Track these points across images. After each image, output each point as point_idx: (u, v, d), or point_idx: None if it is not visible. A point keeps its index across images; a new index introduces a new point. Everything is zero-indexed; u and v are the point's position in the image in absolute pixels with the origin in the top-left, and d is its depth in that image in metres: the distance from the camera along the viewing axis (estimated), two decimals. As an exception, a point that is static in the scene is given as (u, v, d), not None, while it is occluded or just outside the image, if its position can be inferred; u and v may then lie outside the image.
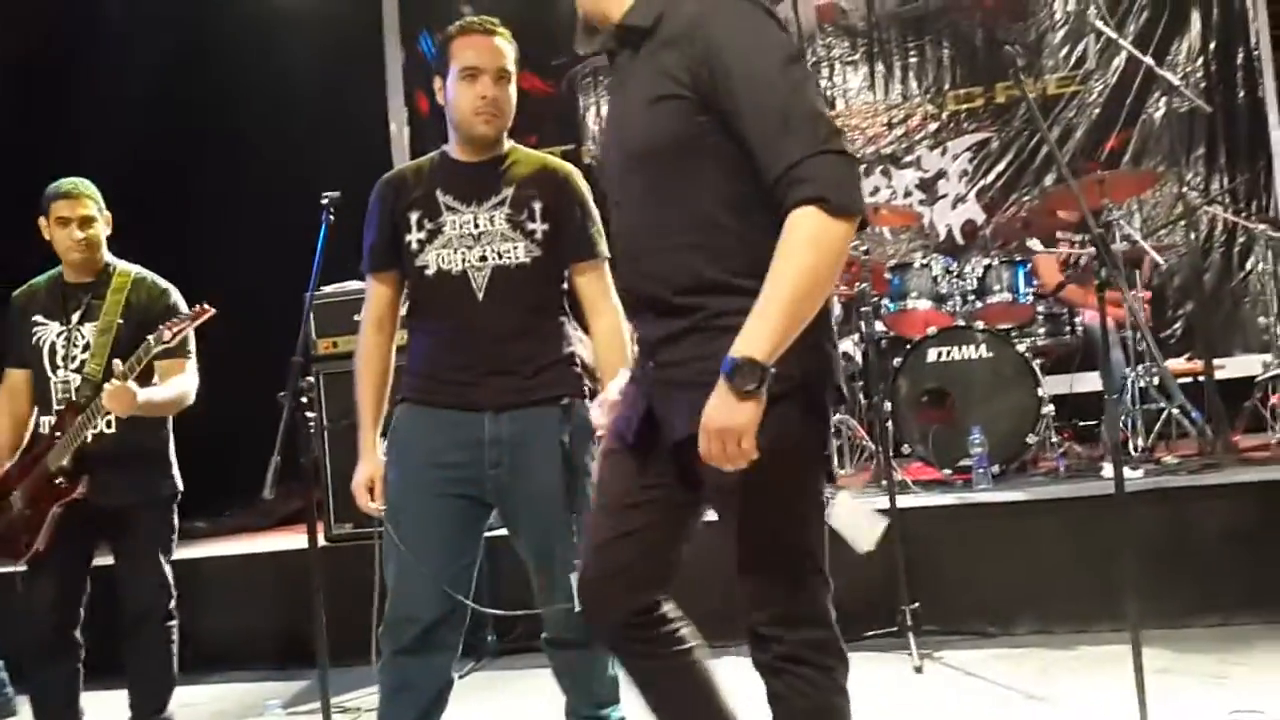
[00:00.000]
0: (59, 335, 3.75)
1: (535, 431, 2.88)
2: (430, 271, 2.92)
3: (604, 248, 3.00)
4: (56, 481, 3.60)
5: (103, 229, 3.81)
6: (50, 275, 3.86)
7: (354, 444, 5.13)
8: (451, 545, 2.89)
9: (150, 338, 3.55)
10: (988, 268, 5.66)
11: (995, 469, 5.06)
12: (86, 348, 3.71)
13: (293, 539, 5.68)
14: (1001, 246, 6.58)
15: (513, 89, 2.95)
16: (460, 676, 4.47)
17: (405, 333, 3.09)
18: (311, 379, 3.12)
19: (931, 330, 5.40)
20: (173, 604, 3.78)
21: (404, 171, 3.06)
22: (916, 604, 4.17)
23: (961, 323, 5.46)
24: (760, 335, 1.90)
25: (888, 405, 5.16)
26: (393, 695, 2.92)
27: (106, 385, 3.47)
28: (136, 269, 3.86)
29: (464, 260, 2.90)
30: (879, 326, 5.75)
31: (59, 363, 3.73)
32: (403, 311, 3.08)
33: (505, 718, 4.03)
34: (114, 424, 3.66)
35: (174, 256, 4.07)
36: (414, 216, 2.93)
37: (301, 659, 4.72)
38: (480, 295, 2.89)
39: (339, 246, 3.30)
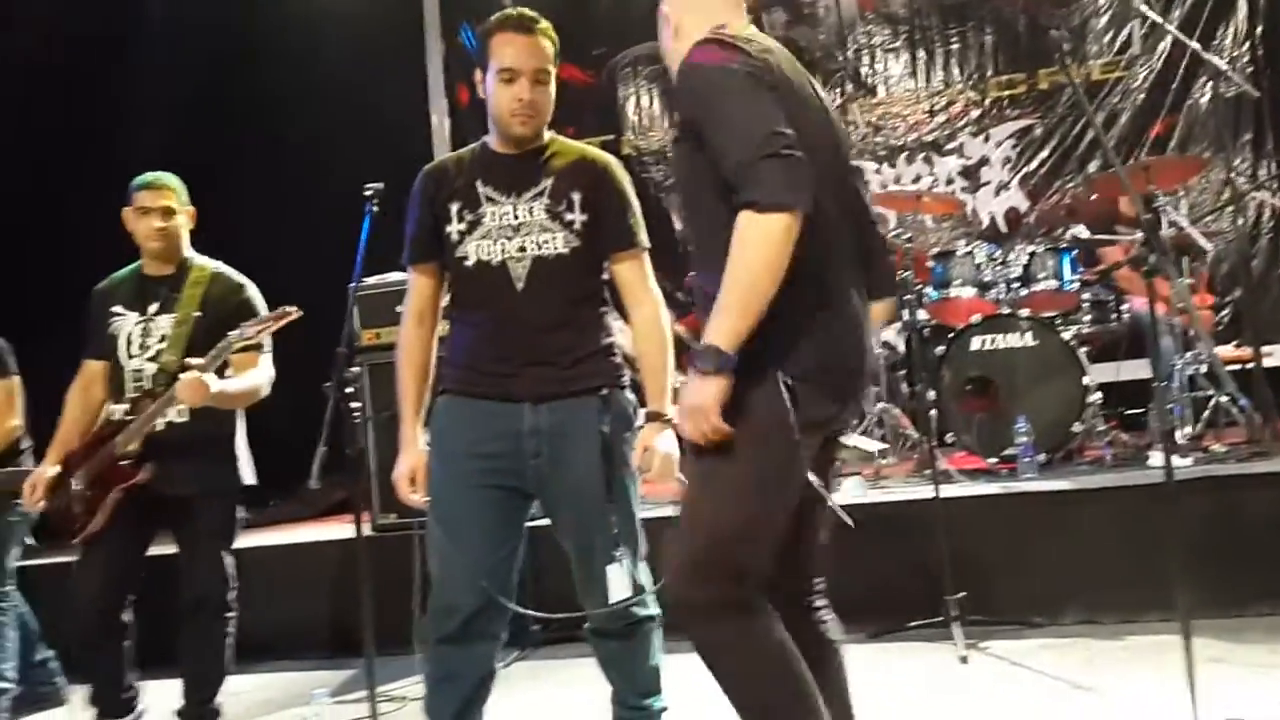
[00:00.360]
0: (136, 325, 3.80)
1: (574, 422, 2.88)
2: (470, 262, 2.92)
3: (643, 238, 3.01)
4: (122, 464, 3.65)
5: (183, 222, 3.86)
6: (131, 268, 3.92)
7: (398, 435, 5.21)
8: (492, 535, 2.90)
9: (232, 334, 3.58)
10: (1032, 255, 5.61)
11: (1041, 458, 5.02)
12: (163, 339, 3.76)
13: (338, 529, 5.73)
14: (1046, 234, 6.52)
15: (551, 87, 2.93)
16: (504, 666, 4.52)
17: (447, 324, 3.09)
18: (356, 370, 3.11)
19: (975, 318, 5.36)
20: (231, 595, 3.82)
21: (445, 162, 3.07)
22: (962, 594, 4.15)
23: (1006, 310, 5.42)
24: (717, 325, 2.16)
25: (931, 394, 5.12)
26: (437, 684, 2.94)
27: (182, 376, 3.51)
28: (215, 264, 3.91)
29: (503, 251, 2.90)
30: (922, 315, 5.72)
31: (134, 352, 3.78)
32: (445, 302, 3.09)
33: (549, 707, 4.05)
34: (185, 414, 3.70)
35: (220, 251, 4.09)
36: (454, 208, 2.94)
37: (348, 648, 4.76)
38: (519, 286, 2.90)
39: (382, 238, 3.32)
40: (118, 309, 3.84)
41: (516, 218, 2.91)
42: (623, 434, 2.91)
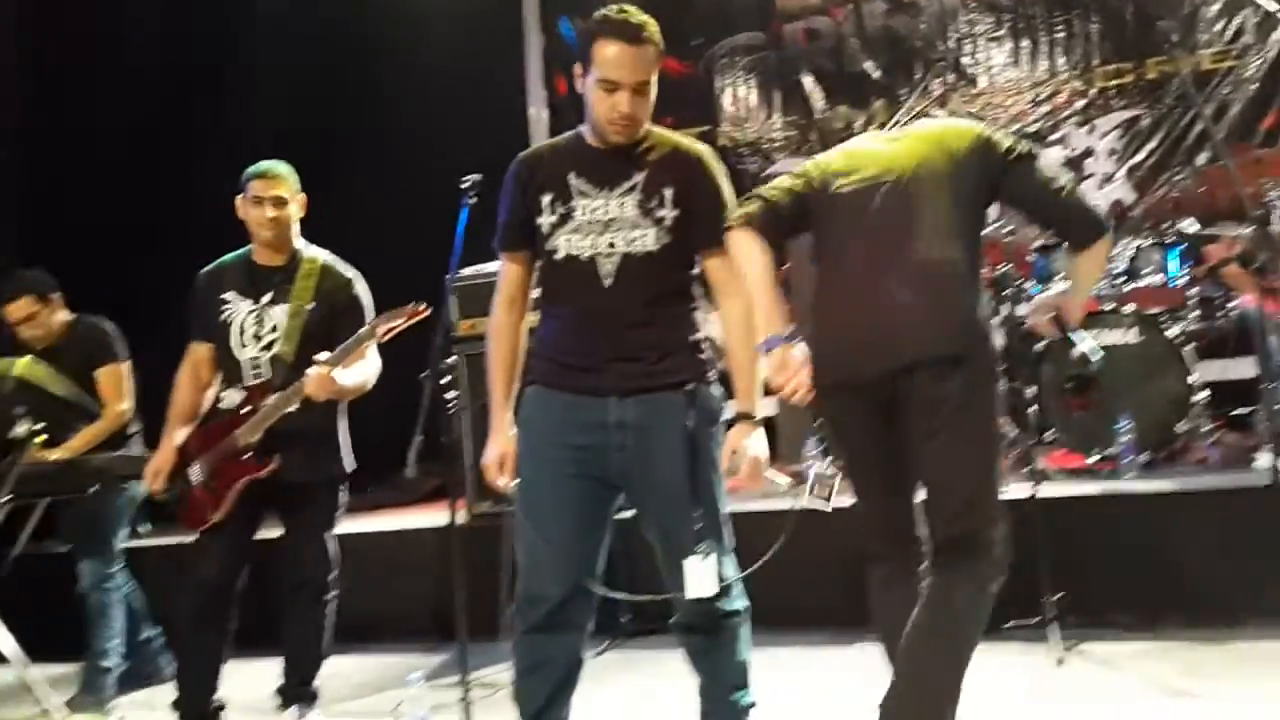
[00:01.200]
0: (249, 314, 3.87)
1: (659, 416, 2.87)
2: (559, 256, 2.92)
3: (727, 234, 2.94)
4: (245, 458, 3.75)
5: (294, 211, 3.93)
6: (238, 254, 3.99)
7: (493, 423, 5.25)
8: (578, 525, 2.91)
9: (363, 330, 3.65)
10: (1138, 249, 5.47)
11: (1143, 458, 4.90)
12: (275, 329, 3.83)
13: (434, 516, 5.81)
14: (1152, 227, 6.35)
15: (652, 94, 2.88)
16: (595, 655, 4.56)
17: (538, 314, 3.10)
18: (453, 359, 3.16)
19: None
20: (333, 577, 3.91)
21: (540, 150, 3.07)
22: (1060, 595, 4.07)
23: (1109, 306, 5.29)
24: None
25: (1031, 391, 5.04)
26: (526, 673, 2.96)
27: (310, 371, 3.59)
28: (324, 255, 3.98)
29: (593, 246, 2.88)
30: (1022, 310, 5.61)
31: (246, 341, 3.85)
32: (535, 292, 3.10)
33: (638, 698, 4.07)
34: (295, 404, 3.76)
35: (326, 241, 4.18)
36: (546, 199, 2.93)
37: (444, 633, 4.83)
38: (607, 282, 2.88)
39: (480, 229, 3.35)
40: (228, 295, 3.90)
41: (608, 213, 2.89)
42: (708, 429, 2.90)
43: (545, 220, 2.93)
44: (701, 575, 2.81)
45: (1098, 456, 5.04)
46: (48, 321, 4.71)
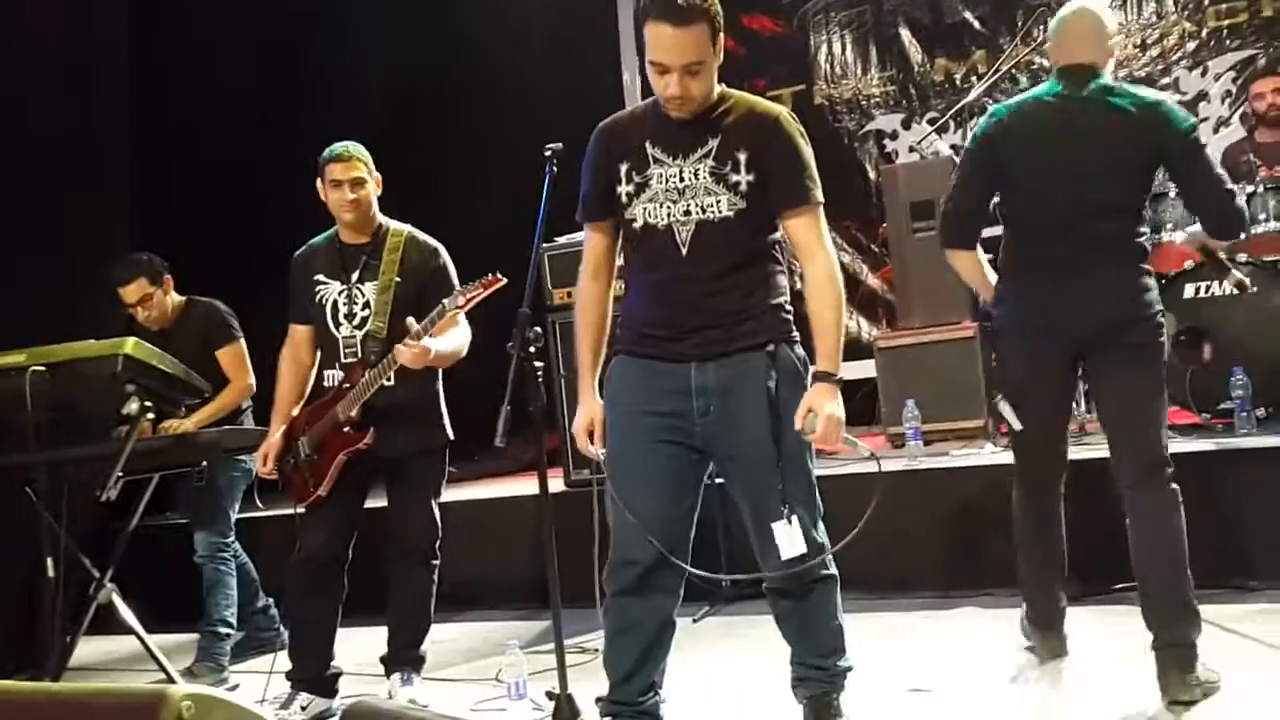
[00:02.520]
0: (340, 293, 3.96)
1: (741, 379, 2.86)
2: (638, 225, 2.92)
3: (815, 194, 2.92)
4: (344, 431, 3.83)
5: (373, 190, 3.98)
6: (327, 235, 4.07)
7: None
8: (667, 491, 2.92)
9: (445, 302, 3.69)
10: (1251, 195, 5.25)
11: (1260, 412, 4.73)
12: (367, 305, 3.91)
13: (535, 484, 5.83)
14: (1269, 173, 6.09)
15: (708, 72, 2.81)
16: (695, 620, 4.57)
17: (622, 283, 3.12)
18: (539, 329, 3.16)
19: (1189, 264, 5.07)
20: (437, 544, 3.98)
21: (620, 119, 3.06)
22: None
23: (1223, 255, 5.09)
24: None
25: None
26: (616, 636, 2.99)
27: (400, 345, 3.65)
28: (408, 228, 4.03)
29: (669, 215, 2.87)
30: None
31: (341, 320, 3.94)
32: (620, 260, 3.10)
33: (736, 662, 4.05)
34: (392, 378, 3.85)
35: (420, 211, 4.22)
36: (624, 168, 2.93)
37: (544, 600, 4.85)
38: (684, 250, 2.87)
39: (574, 196, 3.35)
40: (320, 277, 4.00)
41: (682, 180, 2.87)
42: (791, 389, 2.86)
43: (623, 190, 2.93)
44: (790, 538, 2.81)
45: (1211, 413, 4.86)
46: (161, 303, 4.90)
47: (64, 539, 4.08)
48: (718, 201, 2.85)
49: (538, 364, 3.13)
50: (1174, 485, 3.34)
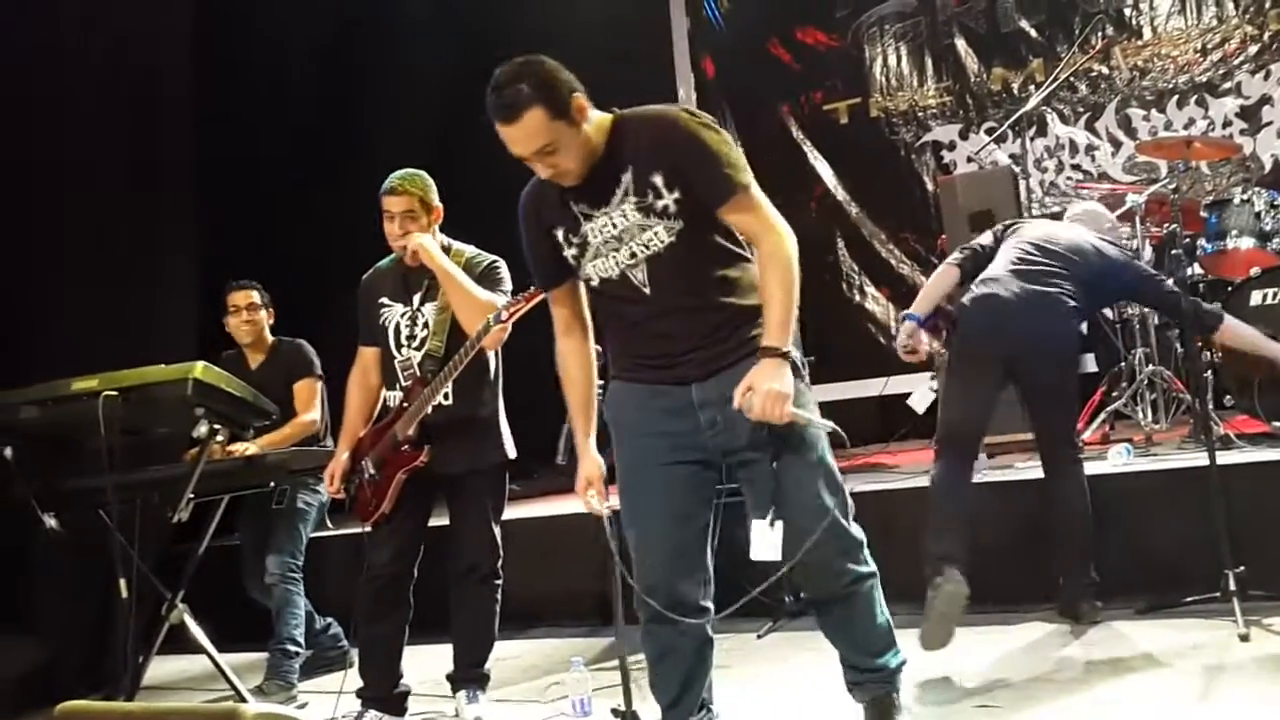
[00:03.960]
0: (403, 316, 4.01)
1: (735, 386, 2.74)
2: (595, 283, 2.89)
3: (738, 179, 2.75)
4: (403, 449, 3.87)
5: (427, 223, 3.95)
6: (392, 258, 4.11)
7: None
8: (682, 509, 2.89)
9: (490, 317, 3.74)
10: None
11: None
12: (426, 326, 3.95)
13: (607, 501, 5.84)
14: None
15: (565, 142, 2.72)
16: (759, 636, 4.56)
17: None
18: (600, 347, 3.17)
19: (1255, 271, 4.97)
20: (499, 563, 4.01)
21: (536, 186, 2.95)
22: (1242, 568, 3.88)
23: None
24: None
25: (1206, 355, 4.81)
26: (656, 663, 2.97)
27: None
28: (469, 249, 4.05)
29: (617, 264, 2.82)
30: (1195, 269, 5.37)
31: (403, 342, 3.99)
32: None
33: (800, 677, 4.03)
34: (450, 396, 3.89)
35: (481, 228, 4.27)
36: (560, 233, 2.88)
37: (607, 617, 4.89)
38: (646, 289, 2.81)
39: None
40: (384, 300, 4.05)
41: (615, 226, 2.80)
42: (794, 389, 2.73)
43: (568, 254, 2.89)
44: (763, 539, 2.75)
45: (1281, 422, 4.78)
46: (261, 323, 5.08)
47: (136, 560, 4.15)
48: (655, 233, 2.78)
49: (599, 382, 3.14)
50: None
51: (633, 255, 2.80)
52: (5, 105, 5.48)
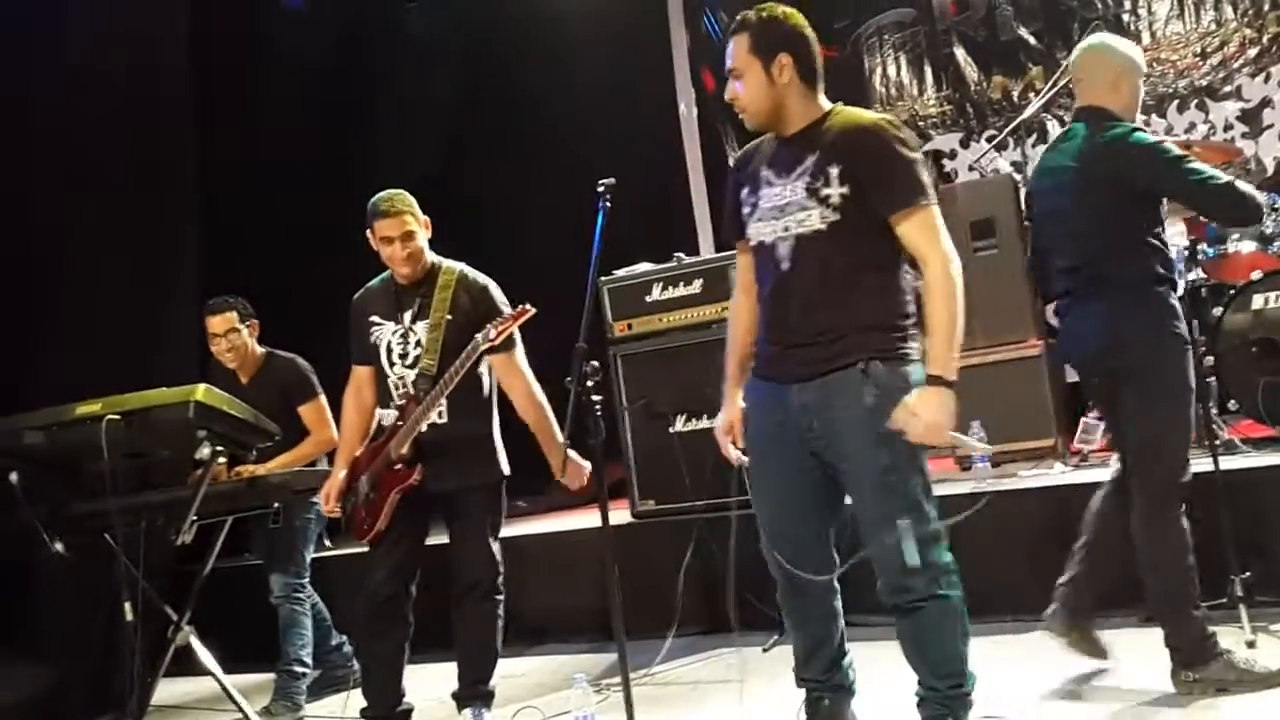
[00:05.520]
0: (394, 334, 4.02)
1: (837, 397, 2.92)
2: (753, 243, 3.11)
3: (918, 196, 2.92)
4: (396, 468, 3.88)
5: (422, 236, 4.02)
6: (383, 277, 4.13)
7: (655, 424, 5.29)
8: (800, 493, 3.06)
9: (478, 336, 3.76)
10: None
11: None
12: (419, 344, 3.96)
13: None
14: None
15: (751, 79, 3.01)
16: (764, 650, 4.53)
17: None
18: (597, 363, 3.20)
19: (1257, 274, 4.95)
20: (500, 580, 4.00)
21: (749, 149, 3.24)
22: (1248, 573, 3.85)
23: (1291, 264, 5.00)
24: None
25: (1209, 359, 4.79)
26: (792, 633, 3.26)
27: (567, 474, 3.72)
28: (460, 266, 4.08)
29: (773, 232, 3.03)
30: (1196, 273, 5.36)
31: (394, 360, 4.00)
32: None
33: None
34: (445, 414, 3.90)
35: (480, 248, 4.28)
36: (744, 193, 3.14)
37: (611, 632, 4.87)
38: (784, 265, 3.01)
39: (631, 228, 3.40)
40: (375, 318, 4.06)
41: (783, 198, 3.01)
42: (889, 405, 2.86)
43: (745, 213, 3.14)
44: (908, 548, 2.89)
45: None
46: (244, 344, 5.00)
47: (142, 583, 4.16)
48: (810, 215, 2.96)
49: (596, 398, 3.16)
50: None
51: (786, 229, 3.00)
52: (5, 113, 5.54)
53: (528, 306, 3.75)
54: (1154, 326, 3.48)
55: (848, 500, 3.07)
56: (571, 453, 3.65)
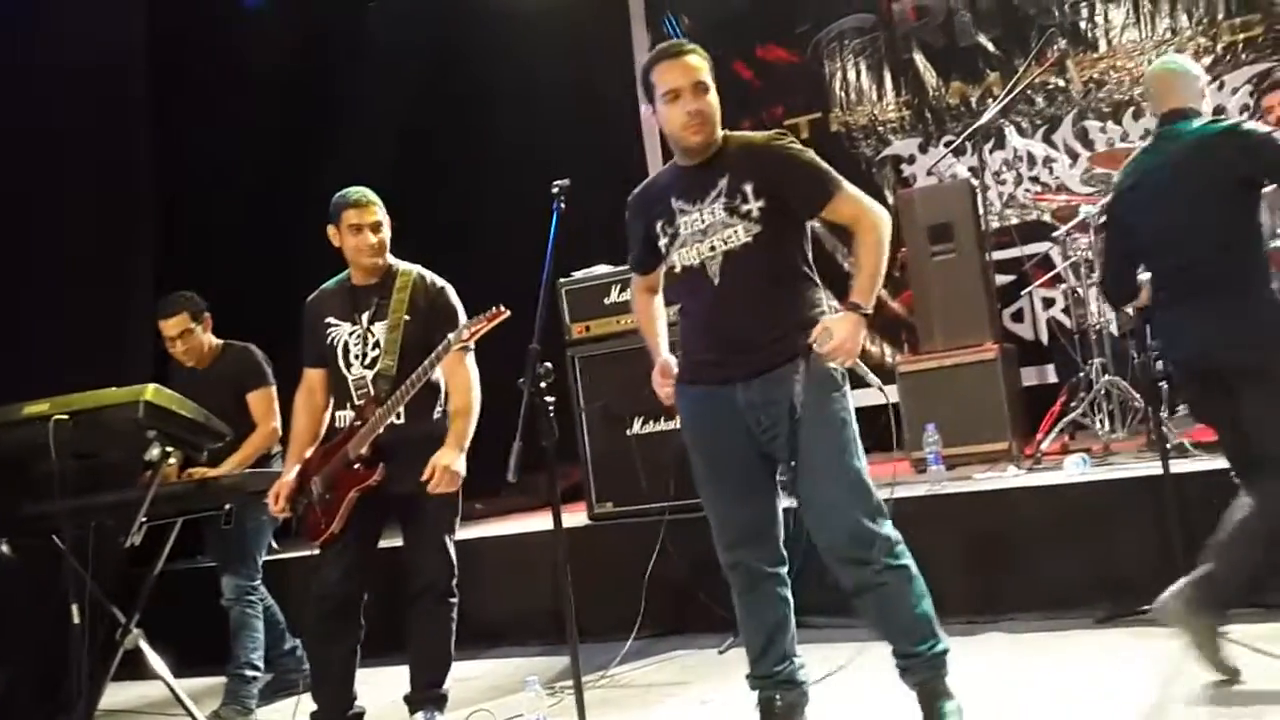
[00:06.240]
0: (351, 335, 4.00)
1: (777, 390, 3.11)
2: (678, 269, 3.27)
3: (832, 182, 3.18)
4: (355, 468, 3.86)
5: (387, 232, 4.03)
6: (338, 279, 4.12)
7: (612, 427, 5.27)
8: (743, 492, 3.24)
9: (450, 336, 3.75)
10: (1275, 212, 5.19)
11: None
12: (377, 345, 3.94)
13: (564, 517, 5.82)
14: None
15: (712, 95, 3.21)
16: (720, 652, 4.53)
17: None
18: (550, 364, 3.19)
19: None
20: (454, 582, 3.98)
21: (647, 185, 3.45)
22: (1198, 576, 3.89)
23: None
24: None
25: (1160, 364, 4.83)
26: (744, 625, 3.38)
27: (433, 486, 3.76)
28: (416, 268, 4.07)
29: (699, 254, 3.20)
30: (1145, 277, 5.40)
31: (352, 360, 3.98)
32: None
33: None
34: (402, 415, 3.88)
35: (437, 248, 4.25)
36: (659, 225, 3.29)
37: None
38: (716, 281, 3.18)
39: (589, 230, 3.44)
40: (331, 319, 4.04)
41: (704, 221, 3.19)
42: (827, 395, 3.12)
43: (662, 243, 3.30)
44: None
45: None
46: (199, 341, 4.97)
47: (90, 585, 4.10)
48: (734, 231, 3.15)
49: (549, 399, 3.16)
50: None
51: (713, 248, 3.18)
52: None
53: (502, 308, 3.73)
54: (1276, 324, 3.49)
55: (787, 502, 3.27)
56: (455, 465, 3.78)
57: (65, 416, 3.99)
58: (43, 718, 4.82)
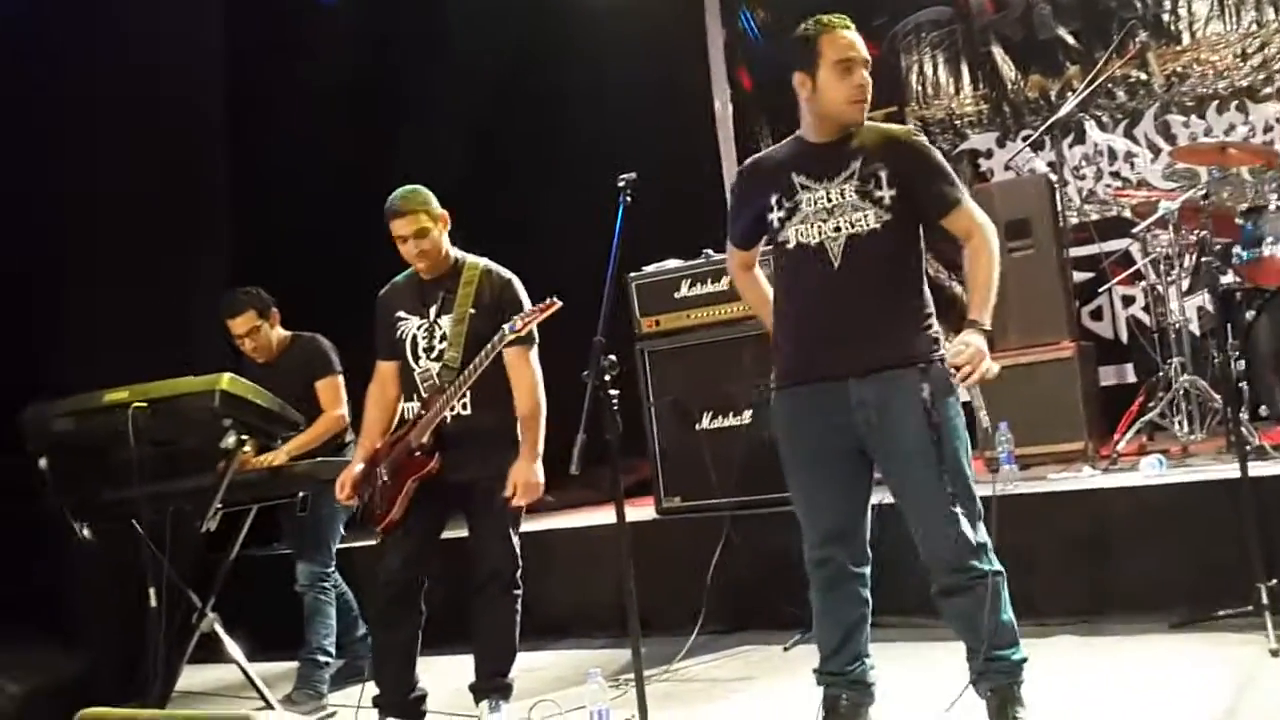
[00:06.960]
0: (420, 328, 4.05)
1: (897, 391, 3.08)
2: (791, 245, 3.19)
3: (960, 192, 3.19)
4: (416, 455, 3.91)
5: (439, 232, 4.03)
6: (408, 273, 4.17)
7: (681, 421, 5.27)
8: (840, 490, 3.23)
9: (505, 327, 3.78)
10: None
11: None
12: (444, 338, 3.99)
13: (633, 511, 5.84)
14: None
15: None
16: (785, 649, 4.51)
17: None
18: (614, 357, 3.19)
19: (1292, 278, 4.90)
20: (519, 573, 4.01)
21: (762, 157, 3.40)
22: (1275, 581, 3.81)
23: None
24: None
25: (1241, 364, 4.73)
26: (819, 620, 3.33)
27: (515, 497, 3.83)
28: (484, 261, 4.11)
29: (820, 233, 3.14)
30: (1230, 277, 5.29)
31: (420, 353, 4.03)
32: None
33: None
34: (468, 406, 3.93)
35: (516, 244, 4.26)
36: (774, 198, 3.21)
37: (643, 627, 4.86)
38: (836, 264, 3.12)
39: (662, 225, 3.41)
40: (401, 313, 4.09)
41: (831, 200, 3.14)
42: (944, 400, 3.06)
43: (774, 216, 3.22)
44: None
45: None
46: (268, 336, 5.04)
47: (168, 569, 4.20)
48: (864, 215, 3.11)
49: (613, 392, 3.16)
50: None
51: (838, 229, 3.13)
52: (42, 113, 5.60)
53: (554, 300, 3.77)
54: None
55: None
56: (533, 471, 3.83)
57: (144, 404, 4.09)
58: (121, 700, 4.94)
